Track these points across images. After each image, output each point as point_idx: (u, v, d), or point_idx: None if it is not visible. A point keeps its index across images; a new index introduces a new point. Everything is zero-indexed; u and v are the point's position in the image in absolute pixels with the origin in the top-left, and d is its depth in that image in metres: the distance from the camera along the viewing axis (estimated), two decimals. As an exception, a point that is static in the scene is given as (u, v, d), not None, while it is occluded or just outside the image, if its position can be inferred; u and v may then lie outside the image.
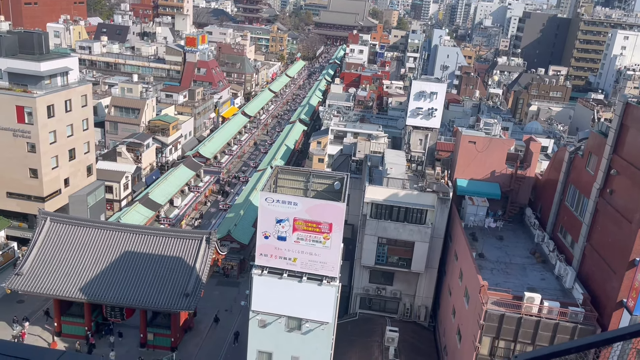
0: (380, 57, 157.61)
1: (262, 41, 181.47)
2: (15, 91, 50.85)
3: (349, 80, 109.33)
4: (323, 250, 29.11)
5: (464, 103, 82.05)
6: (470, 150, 41.12)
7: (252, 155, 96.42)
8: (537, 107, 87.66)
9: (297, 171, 35.60)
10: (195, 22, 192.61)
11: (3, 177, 52.28)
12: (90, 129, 59.16)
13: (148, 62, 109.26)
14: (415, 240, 38.78)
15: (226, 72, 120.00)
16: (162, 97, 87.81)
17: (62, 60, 55.57)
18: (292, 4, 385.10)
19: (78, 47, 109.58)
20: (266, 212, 28.85)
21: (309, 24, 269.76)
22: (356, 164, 52.03)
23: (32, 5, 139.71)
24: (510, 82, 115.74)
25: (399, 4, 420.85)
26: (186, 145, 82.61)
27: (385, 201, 38.74)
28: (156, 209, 60.14)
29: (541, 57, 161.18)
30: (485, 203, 39.75)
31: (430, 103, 45.59)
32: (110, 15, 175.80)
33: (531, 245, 37.49)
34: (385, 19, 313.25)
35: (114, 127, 76.35)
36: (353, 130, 65.58)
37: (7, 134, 50.83)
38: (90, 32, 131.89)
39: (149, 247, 40.99)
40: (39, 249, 40.22)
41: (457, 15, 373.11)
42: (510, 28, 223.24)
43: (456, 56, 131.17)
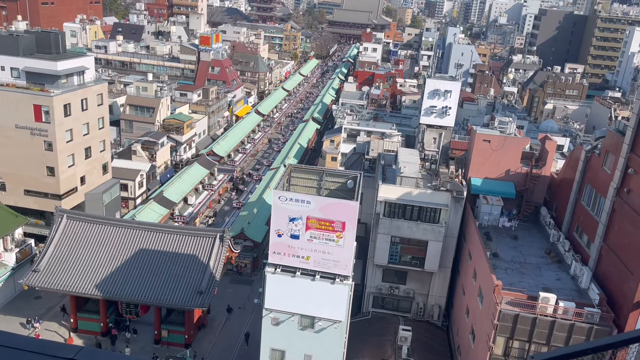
0: (393, 55, 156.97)
1: (276, 40, 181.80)
2: (33, 90, 51.57)
3: (362, 79, 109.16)
4: (336, 248, 29.10)
5: (478, 101, 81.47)
6: (484, 148, 40.81)
7: (266, 153, 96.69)
8: (552, 105, 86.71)
9: (310, 170, 35.63)
10: (210, 21, 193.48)
11: (21, 175, 53.07)
12: (105, 127, 59.81)
13: (163, 61, 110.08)
14: (428, 240, 38.59)
15: (240, 71, 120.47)
16: (177, 95, 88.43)
17: (78, 59, 56.22)
18: (306, 2, 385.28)
19: (94, 46, 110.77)
20: (279, 210, 28.92)
21: (323, 23, 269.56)
22: (369, 162, 51.86)
23: (49, 5, 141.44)
24: (526, 80, 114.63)
25: (412, 2, 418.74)
26: (200, 144, 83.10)
27: (398, 200, 38.60)
28: (170, 207, 60.61)
29: (557, 54, 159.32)
30: (500, 202, 39.43)
31: (444, 101, 45.32)
32: (126, 15, 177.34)
33: (546, 245, 37.11)
34: (399, 17, 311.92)
35: (129, 125, 77.06)
36: (366, 128, 65.47)
37: (25, 132, 51.60)
38: (106, 31, 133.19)
39: (164, 245, 41.33)
40: (55, 246, 40.77)
41: (472, 13, 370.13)
42: (526, 26, 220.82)
43: (470, 54, 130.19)
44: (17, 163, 52.69)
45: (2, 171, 51.76)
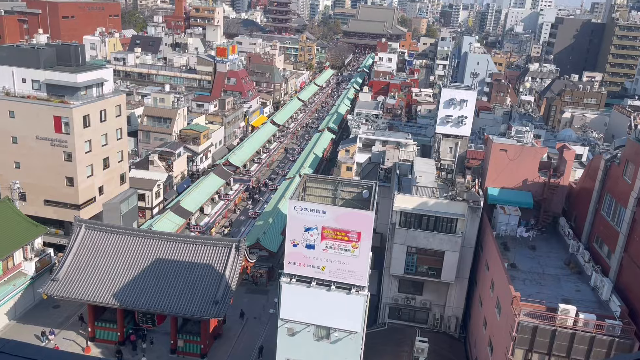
0: (409, 65, 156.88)
1: (291, 50, 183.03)
2: (53, 102, 52.54)
3: (377, 89, 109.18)
4: (351, 258, 28.99)
5: (494, 110, 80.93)
6: (501, 158, 40.47)
7: (281, 163, 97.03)
8: (570, 114, 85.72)
9: (325, 179, 35.63)
10: (226, 32, 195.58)
11: (41, 185, 53.95)
12: (123, 138, 60.60)
13: (180, 72, 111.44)
14: (445, 250, 38.26)
15: (256, 82, 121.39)
16: (193, 106, 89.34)
17: (97, 71, 57.19)
18: (321, 13, 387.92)
19: (113, 58, 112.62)
20: (295, 220, 28.94)
21: (338, 33, 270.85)
22: (385, 172, 51.76)
23: (70, 19, 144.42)
24: (543, 89, 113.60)
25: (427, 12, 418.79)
26: (216, 154, 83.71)
27: (414, 210, 38.39)
28: (187, 217, 61.01)
29: (574, 63, 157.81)
30: (517, 212, 38.99)
31: (460, 111, 45.11)
32: (144, 27, 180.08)
33: (565, 256, 36.56)
34: (414, 26, 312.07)
35: (147, 136, 77.99)
36: (382, 138, 65.38)
37: (45, 143, 52.52)
38: (125, 43, 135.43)
39: (180, 255, 41.58)
40: (74, 256, 41.25)
41: (487, 22, 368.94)
42: (542, 34, 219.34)
43: (486, 63, 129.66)
44: (38, 173, 53.60)
45: (23, 181, 52.68)
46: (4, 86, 54.13)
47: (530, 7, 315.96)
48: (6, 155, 54.03)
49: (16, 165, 54.11)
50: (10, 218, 46.04)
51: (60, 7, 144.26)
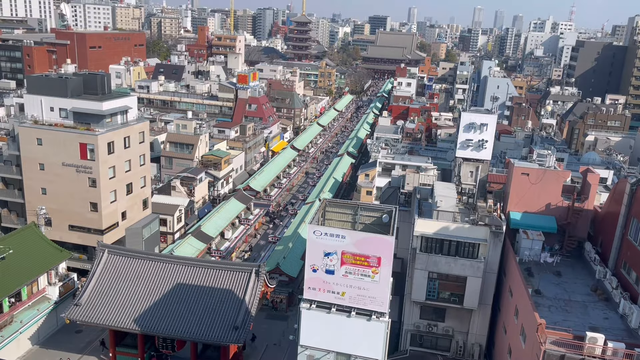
0: (428, 89, 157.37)
1: (311, 77, 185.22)
2: (79, 129, 53.90)
3: (397, 113, 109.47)
4: (372, 284, 28.73)
5: (515, 134, 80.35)
6: (523, 182, 39.99)
7: (301, 188, 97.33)
8: (594, 137, 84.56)
9: (345, 204, 35.61)
10: (247, 60, 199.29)
11: (66, 210, 55.00)
12: (146, 164, 61.65)
13: (202, 99, 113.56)
14: (467, 275, 37.66)
15: (276, 108, 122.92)
16: (215, 132, 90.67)
17: (122, 99, 58.62)
18: (340, 40, 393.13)
19: (137, 86, 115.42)
20: (314, 245, 28.89)
21: (357, 59, 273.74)
22: (405, 196, 51.53)
23: (97, 49, 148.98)
24: (565, 112, 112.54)
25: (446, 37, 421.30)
26: (237, 179, 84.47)
27: (435, 234, 38.01)
28: (208, 242, 61.36)
29: (597, 86, 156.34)
30: (541, 237, 38.30)
31: (480, 134, 44.88)
32: (168, 56, 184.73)
33: (592, 282, 35.66)
34: (433, 51, 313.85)
35: (169, 162, 79.20)
36: (401, 162, 65.28)
37: (71, 169, 53.73)
38: (149, 72, 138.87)
39: (200, 279, 41.70)
40: (96, 280, 41.69)
41: (507, 46, 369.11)
42: (563, 57, 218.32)
43: (506, 87, 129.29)
44: (63, 199, 54.71)
45: (49, 207, 53.78)
46: (33, 114, 55.82)
47: (550, 30, 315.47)
48: (33, 181, 55.38)
49: (43, 192, 55.37)
50: (36, 243, 46.91)
51: (88, 37, 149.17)
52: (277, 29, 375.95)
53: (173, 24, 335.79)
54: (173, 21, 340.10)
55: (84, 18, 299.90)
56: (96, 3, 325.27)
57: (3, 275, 41.89)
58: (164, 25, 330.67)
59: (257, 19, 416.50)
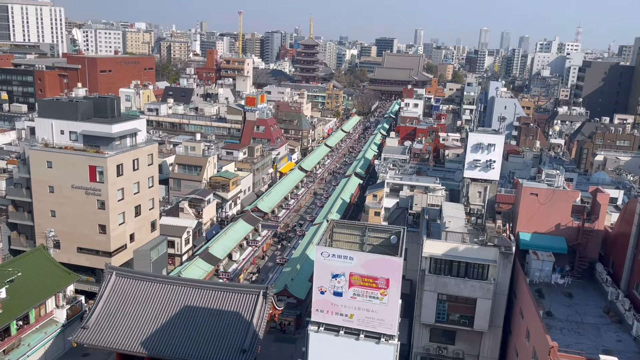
0: (435, 110, 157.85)
1: (319, 98, 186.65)
2: (89, 152, 54.45)
3: (404, 134, 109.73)
4: (380, 306, 28.44)
5: (524, 154, 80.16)
6: (532, 202, 39.73)
7: (309, 209, 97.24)
8: (603, 156, 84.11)
9: (352, 225, 35.50)
10: (255, 82, 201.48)
11: (75, 233, 55.24)
12: (155, 186, 61.97)
13: (210, 121, 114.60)
14: (477, 297, 37.19)
15: (284, 129, 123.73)
16: (223, 154, 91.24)
17: (131, 122, 59.27)
18: (348, 62, 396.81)
19: (146, 109, 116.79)
20: (322, 266, 28.74)
21: (364, 81, 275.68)
22: (413, 217, 51.30)
23: (107, 73, 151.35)
24: (573, 132, 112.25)
25: (453, 58, 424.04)
26: (245, 200, 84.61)
27: (444, 255, 37.69)
28: (215, 264, 61.24)
29: (604, 105, 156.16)
30: (551, 258, 37.87)
31: (488, 155, 44.86)
32: (177, 79, 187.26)
33: (604, 303, 35.08)
34: (439, 73, 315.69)
35: (178, 183, 79.60)
36: (409, 183, 65.16)
37: (80, 192, 54.13)
38: (158, 95, 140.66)
39: (208, 302, 41.49)
40: (104, 303, 41.61)
41: (514, 67, 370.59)
42: (570, 77, 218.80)
43: (514, 107, 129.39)
44: (72, 222, 54.99)
45: (58, 229, 54.03)
46: (44, 138, 56.52)
47: (556, 51, 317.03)
48: (43, 204, 55.80)
49: (52, 214, 55.73)
50: (45, 266, 47.04)
51: (99, 62, 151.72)
52: (285, 52, 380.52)
53: (182, 48, 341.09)
54: (182, 45, 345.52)
55: (95, 43, 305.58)
56: (107, 28, 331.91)
57: (11, 298, 41.93)
58: (173, 48, 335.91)
59: (265, 42, 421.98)
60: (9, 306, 41.48)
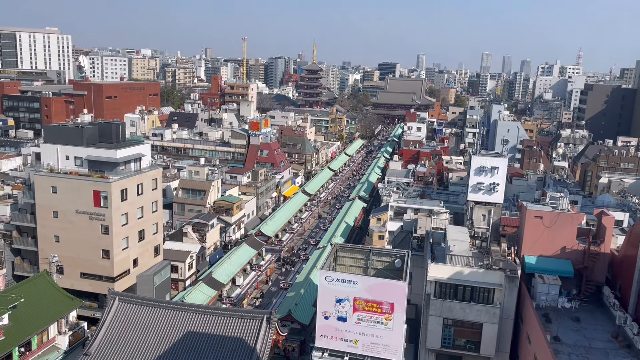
0: (438, 133, 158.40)
1: (322, 122, 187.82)
2: (93, 177, 54.72)
3: (407, 157, 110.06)
4: (385, 331, 28.12)
5: (527, 177, 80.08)
6: (537, 225, 39.52)
7: (313, 232, 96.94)
8: (607, 179, 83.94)
9: (356, 249, 35.34)
10: (259, 107, 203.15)
11: (78, 258, 55.15)
12: (159, 210, 62.05)
13: (214, 146, 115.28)
14: (483, 322, 36.75)
15: (287, 153, 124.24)
16: (227, 178, 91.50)
17: (136, 147, 59.68)
18: (351, 87, 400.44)
19: (151, 134, 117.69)
20: (326, 291, 28.53)
21: (367, 105, 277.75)
22: (417, 240, 51.04)
23: (113, 99, 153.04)
24: (576, 155, 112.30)
25: (455, 82, 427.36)
26: (249, 224, 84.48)
27: (449, 279, 37.38)
28: (219, 288, 60.83)
29: (607, 128, 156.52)
30: (557, 281, 37.49)
31: (491, 178, 44.76)
32: (182, 105, 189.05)
33: (612, 328, 34.57)
34: (442, 96, 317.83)
35: (181, 208, 79.66)
36: (413, 206, 65.03)
37: (84, 217, 54.22)
38: (163, 120, 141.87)
39: (211, 327, 41.09)
40: (106, 329, 41.25)
41: (516, 90, 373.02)
42: (572, 100, 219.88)
43: (517, 130, 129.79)
44: (75, 247, 54.96)
45: (61, 255, 53.96)
46: (49, 163, 56.91)
47: (558, 74, 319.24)
48: (47, 229, 55.88)
49: (56, 239, 55.76)
50: (48, 291, 46.82)
51: (105, 88, 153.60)
52: (289, 77, 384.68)
53: (187, 74, 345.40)
54: (187, 71, 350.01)
55: (101, 69, 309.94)
56: (113, 55, 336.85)
57: (14, 325, 41.64)
58: (178, 74, 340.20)
59: (269, 68, 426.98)
60: (11, 333, 41.18)
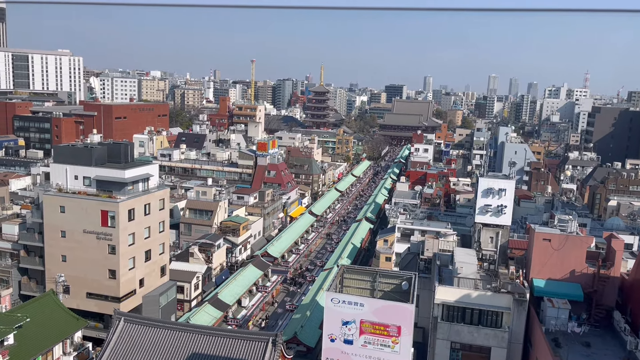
0: (445, 155, 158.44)
1: (329, 144, 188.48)
2: (102, 197, 55.03)
3: (414, 178, 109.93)
4: (392, 355, 27.79)
5: (535, 199, 79.69)
6: (545, 248, 39.20)
7: (319, 253, 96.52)
8: (617, 202, 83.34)
9: (363, 270, 35.18)
10: (267, 128, 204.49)
11: (85, 278, 55.13)
12: (165, 230, 62.12)
13: (222, 166, 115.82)
14: (491, 346, 36.24)
15: (294, 174, 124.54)
16: (234, 198, 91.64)
17: (144, 167, 60.09)
18: (357, 108, 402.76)
19: (159, 154, 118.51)
20: (332, 313, 28.33)
21: (374, 127, 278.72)
22: (424, 262, 50.72)
23: (122, 120, 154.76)
24: (585, 177, 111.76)
25: (462, 104, 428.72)
26: (255, 245, 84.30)
27: (457, 302, 37.01)
28: (224, 310, 60.47)
29: (616, 150, 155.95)
30: (567, 305, 37.00)
31: (499, 200, 44.63)
32: (190, 125, 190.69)
33: (623, 353, 33.96)
34: (449, 118, 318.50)
35: (188, 228, 79.72)
36: (420, 228, 64.77)
37: (91, 237, 54.35)
38: (171, 140, 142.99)
39: (216, 349, 40.75)
40: (111, 350, 41.01)
41: (523, 113, 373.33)
42: (580, 123, 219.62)
43: (524, 152, 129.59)
44: (82, 267, 54.99)
45: (68, 274, 53.99)
46: (57, 183, 57.36)
47: (565, 97, 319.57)
48: (54, 248, 56.02)
49: (63, 259, 55.83)
50: (53, 311, 46.78)
51: (114, 109, 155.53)
52: (296, 99, 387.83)
53: (196, 95, 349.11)
54: (196, 92, 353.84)
55: (111, 90, 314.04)
56: (123, 76, 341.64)
57: (19, 345, 41.54)
58: (187, 96, 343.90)
59: (277, 89, 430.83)
60: (16, 353, 41.06)
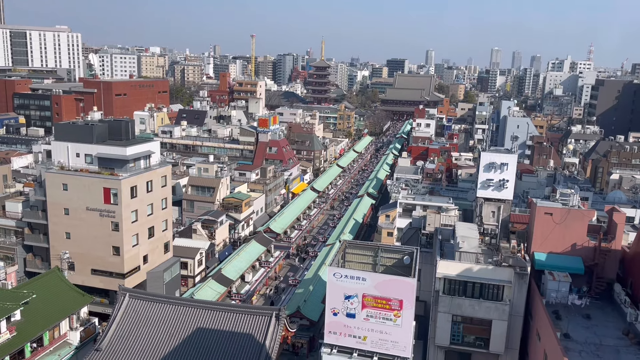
0: (447, 130, 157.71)
1: (330, 119, 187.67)
2: (104, 174, 55.11)
3: (416, 154, 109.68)
4: (394, 328, 28.11)
5: (537, 173, 79.53)
6: (547, 222, 39.27)
7: (321, 229, 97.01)
8: (619, 175, 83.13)
9: (365, 245, 35.34)
10: (268, 104, 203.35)
11: (89, 255, 55.63)
12: (168, 207, 62.37)
13: (223, 143, 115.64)
14: (492, 318, 36.63)
15: (296, 150, 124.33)
16: (236, 175, 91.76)
17: (145, 144, 60.00)
18: (359, 83, 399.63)
19: (160, 131, 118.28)
20: (334, 287, 28.57)
21: (376, 102, 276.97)
22: (426, 237, 50.93)
23: (122, 97, 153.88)
24: (587, 151, 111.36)
25: (465, 78, 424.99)
26: (257, 221, 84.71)
27: (458, 276, 37.28)
28: (228, 285, 61.11)
29: (619, 124, 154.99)
30: (568, 278, 37.25)
31: (501, 174, 44.51)
32: (190, 102, 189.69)
33: (623, 325, 34.32)
34: (451, 93, 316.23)
35: (191, 205, 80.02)
36: (422, 203, 64.83)
37: (94, 214, 54.64)
38: (172, 117, 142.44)
39: (221, 324, 41.32)
40: (117, 325, 41.61)
41: (526, 86, 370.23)
42: (583, 96, 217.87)
43: (527, 126, 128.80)
44: (86, 243, 55.43)
45: (72, 251, 54.43)
46: (59, 160, 57.38)
47: (568, 70, 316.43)
48: (58, 226, 56.39)
49: (67, 236, 56.26)
50: (59, 288, 47.28)
51: (114, 85, 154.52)
52: (297, 74, 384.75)
53: (196, 71, 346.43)
54: (196, 68, 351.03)
55: (110, 67, 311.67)
56: (123, 53, 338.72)
57: (26, 321, 42.12)
58: (187, 72, 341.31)
59: (278, 65, 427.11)
60: (23, 328, 41.66)
